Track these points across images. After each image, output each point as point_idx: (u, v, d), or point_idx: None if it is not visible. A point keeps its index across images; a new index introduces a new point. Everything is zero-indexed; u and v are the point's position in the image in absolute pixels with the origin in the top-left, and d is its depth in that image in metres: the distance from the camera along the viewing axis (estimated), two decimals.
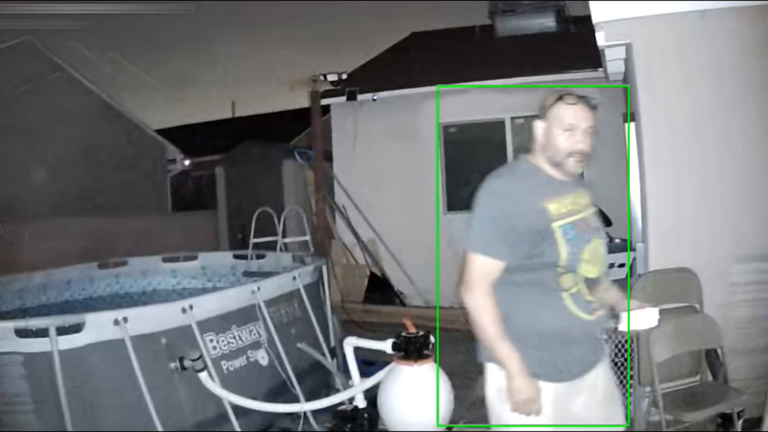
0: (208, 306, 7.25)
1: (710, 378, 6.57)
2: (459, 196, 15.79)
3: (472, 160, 15.96)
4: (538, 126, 3.96)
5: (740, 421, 6.00)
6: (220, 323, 7.29)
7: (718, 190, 7.38)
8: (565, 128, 3.85)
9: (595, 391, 4.05)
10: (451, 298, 14.23)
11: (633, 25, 7.73)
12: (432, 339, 6.73)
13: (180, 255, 11.35)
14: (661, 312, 4.19)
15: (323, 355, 8.53)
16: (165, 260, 11.30)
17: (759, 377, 6.59)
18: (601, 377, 4.09)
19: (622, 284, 7.96)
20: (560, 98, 3.89)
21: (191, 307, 6.88)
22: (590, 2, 7.78)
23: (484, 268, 3.86)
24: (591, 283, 3.90)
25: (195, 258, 11.26)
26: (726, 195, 7.33)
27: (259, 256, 10.81)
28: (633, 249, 8.83)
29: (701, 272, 6.85)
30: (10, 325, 6.07)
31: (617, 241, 10.15)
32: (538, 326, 3.88)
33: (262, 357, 7.66)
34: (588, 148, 3.86)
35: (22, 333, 5.97)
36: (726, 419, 6.12)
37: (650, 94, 7.67)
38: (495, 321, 3.82)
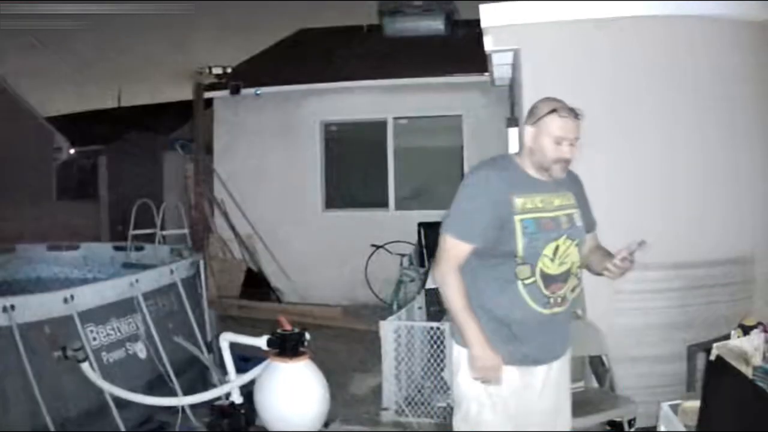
0: (88, 297, 7.16)
1: (596, 385, 6.68)
2: (338, 194, 15.85)
3: (352, 158, 16.04)
4: (528, 131, 4.21)
5: (632, 430, 6.09)
6: (100, 314, 7.20)
7: (601, 196, 7.48)
8: (555, 139, 4.11)
9: (545, 386, 4.31)
10: (328, 296, 14.29)
11: (521, 31, 7.84)
12: (307, 336, 6.75)
13: (63, 244, 11.19)
14: None
15: (200, 349, 8.47)
16: (49, 248, 11.14)
17: (648, 386, 6.67)
18: (554, 373, 4.35)
19: None
20: (553, 110, 4.11)
21: (72, 297, 6.80)
22: (480, 6, 7.83)
23: (453, 248, 4.17)
24: (552, 279, 4.15)
25: (77, 248, 11.12)
26: (608, 201, 7.44)
27: (138, 248, 10.71)
28: None
29: (585, 278, 6.96)
30: None
31: None
32: (495, 309, 4.18)
33: (140, 350, 7.59)
34: (571, 156, 4.16)
35: None
36: (616, 427, 6.17)
37: (534, 100, 7.75)
38: (459, 294, 4.14)
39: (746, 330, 4.73)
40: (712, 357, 4.25)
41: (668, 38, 7.61)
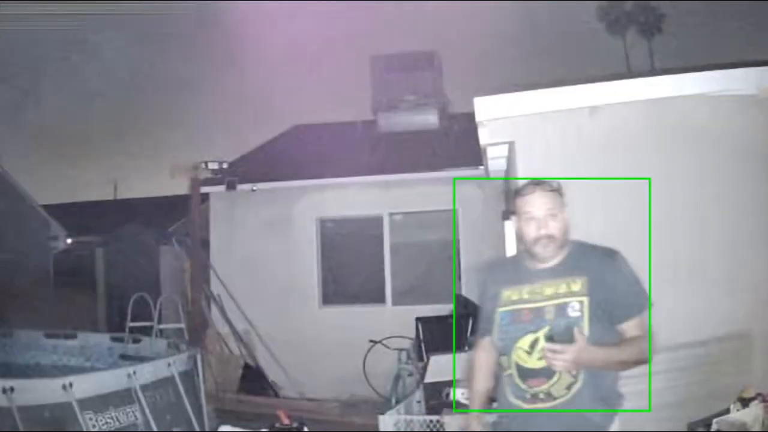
0: (87, 385, 7.18)
1: None
2: (335, 289, 15.86)
3: (349, 254, 16.06)
4: (513, 222, 4.19)
5: None
6: (98, 403, 7.21)
7: None
8: (525, 217, 4.06)
9: None
10: (326, 390, 14.21)
11: (515, 124, 7.90)
12: (306, 430, 6.74)
13: (61, 332, 11.20)
14: None
15: None
16: (47, 336, 11.14)
17: None
18: None
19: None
20: (516, 192, 4.14)
21: (71, 384, 6.81)
22: (474, 100, 7.90)
23: (479, 338, 4.38)
24: (530, 373, 3.96)
25: (75, 336, 11.13)
26: None
27: (136, 340, 10.73)
28: None
29: None
30: None
31: None
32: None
33: None
34: (553, 230, 4.03)
35: None
36: None
37: None
38: (472, 374, 4.38)
39: (745, 402, 4.74)
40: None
41: (662, 119, 7.70)
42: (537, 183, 4.11)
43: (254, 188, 15.82)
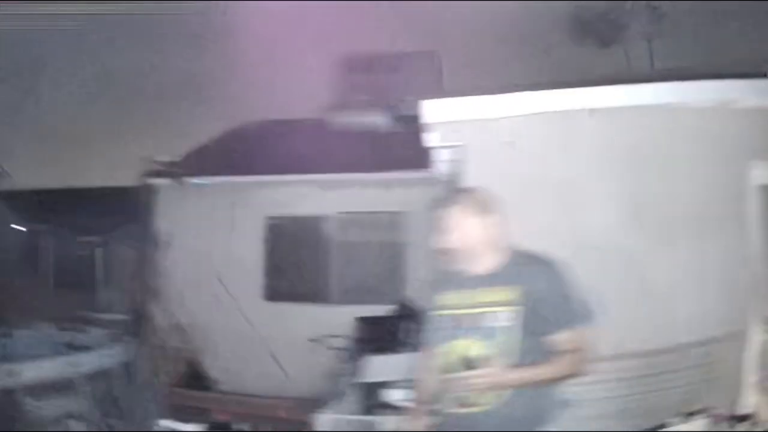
0: (31, 372, 7.34)
1: None
2: (280, 286, 15.84)
3: (295, 252, 16.04)
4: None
5: None
6: (42, 390, 7.33)
7: None
8: (437, 228, 4.18)
9: None
10: (266, 387, 14.20)
11: (465, 127, 8.00)
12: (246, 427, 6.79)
13: (6, 319, 11.15)
14: None
15: None
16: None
17: None
18: None
19: None
20: (433, 202, 4.31)
21: (16, 370, 6.88)
22: (424, 102, 7.94)
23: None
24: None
25: (20, 325, 11.07)
26: None
27: (80, 330, 10.70)
28: None
29: None
30: None
31: None
32: None
33: (81, 429, 7.62)
34: (453, 243, 4.15)
35: None
36: None
37: None
38: (421, 374, 4.41)
39: (689, 416, 4.84)
40: None
41: (617, 128, 7.81)
42: (448, 195, 4.33)
43: (201, 183, 15.76)
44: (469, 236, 4.14)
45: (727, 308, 7.62)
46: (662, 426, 5.55)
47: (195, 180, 15.71)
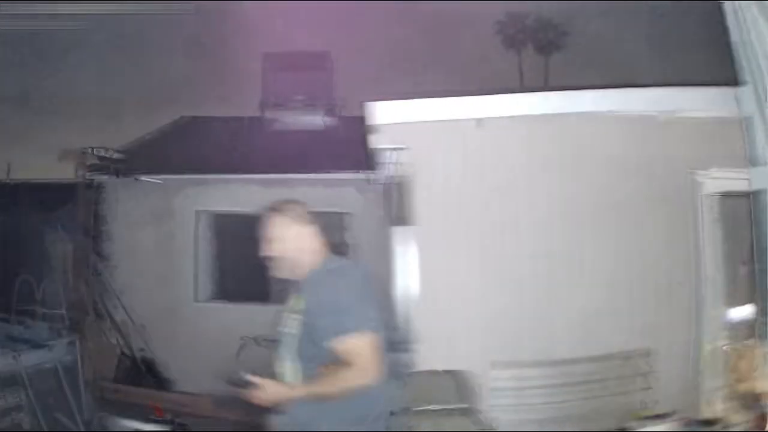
0: None
1: None
2: (215, 286, 15.86)
3: (232, 251, 16.03)
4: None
5: None
6: None
7: (493, 295, 7.65)
8: (263, 238, 4.36)
9: None
10: (201, 384, 14.21)
11: (409, 130, 8.08)
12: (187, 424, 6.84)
13: None
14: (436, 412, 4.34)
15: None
16: None
17: None
18: None
19: None
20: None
21: None
22: (366, 104, 8.01)
23: None
24: (278, 377, 4.23)
25: None
26: (503, 299, 7.62)
27: (21, 322, 10.64)
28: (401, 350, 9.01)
29: (474, 374, 7.10)
30: None
31: None
32: None
33: (25, 422, 7.61)
34: (275, 252, 4.32)
35: None
36: None
37: (422, 199, 7.94)
38: None
39: (646, 420, 4.95)
40: None
41: (551, 135, 7.93)
42: (271, 207, 4.39)
43: (138, 178, 15.71)
44: (290, 245, 4.30)
45: (675, 317, 7.81)
46: (623, 429, 5.69)
47: (135, 176, 15.64)
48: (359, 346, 4.01)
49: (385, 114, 8.09)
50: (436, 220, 7.93)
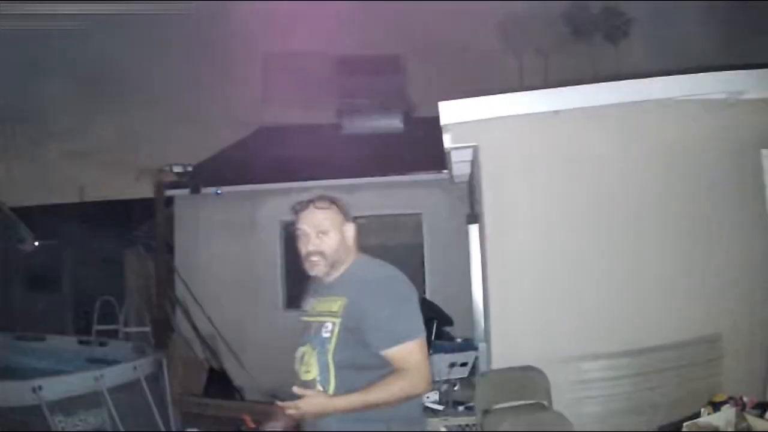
0: (56, 388, 7.22)
1: None
2: (300, 293, 15.83)
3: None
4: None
5: None
6: (67, 406, 7.25)
7: (564, 289, 7.54)
8: (298, 233, 4.19)
9: None
10: (289, 394, 14.20)
11: (480, 128, 7.91)
12: None
13: (30, 335, 11.16)
14: (511, 409, 4.23)
15: None
16: (16, 338, 11.10)
17: None
18: None
19: (464, 383, 8.18)
20: (293, 208, 4.22)
21: (40, 387, 6.84)
22: (438, 104, 7.93)
23: None
24: (303, 385, 4.01)
25: (43, 339, 11.09)
26: (573, 293, 7.51)
27: (102, 343, 10.73)
28: (476, 348, 8.96)
29: (549, 369, 7.00)
30: None
31: (459, 340, 10.28)
32: None
33: None
34: (321, 247, 4.13)
35: None
36: None
37: (495, 197, 7.82)
38: None
39: (716, 406, 4.81)
40: None
41: (627, 125, 7.76)
42: (311, 200, 4.20)
43: (219, 191, 15.79)
44: (338, 243, 4.17)
45: (745, 302, 7.61)
46: (691, 418, 5.54)
47: (211, 189, 15.72)
48: (415, 354, 3.97)
49: (458, 113, 7.95)
50: (509, 216, 7.80)
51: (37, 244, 22.51)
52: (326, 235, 4.12)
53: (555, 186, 7.72)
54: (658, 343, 7.32)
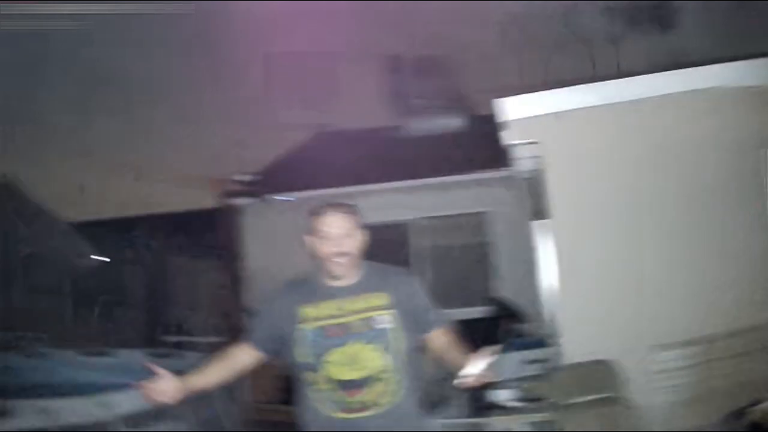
0: (125, 401, 7.32)
1: None
2: None
3: (382, 259, 16.02)
4: (307, 241, 4.34)
5: None
6: (137, 419, 7.30)
7: (635, 281, 7.49)
8: (321, 236, 4.24)
9: None
10: None
11: (541, 123, 7.93)
12: None
13: (96, 350, 11.24)
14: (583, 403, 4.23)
15: None
16: (82, 354, 11.18)
17: None
18: None
19: (539, 379, 8.14)
20: (312, 213, 4.33)
21: (109, 401, 6.89)
22: (499, 101, 7.90)
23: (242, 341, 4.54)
24: (346, 385, 4.10)
25: (110, 353, 11.16)
26: (643, 285, 7.46)
27: (172, 355, 10.80)
28: (549, 344, 8.92)
29: (621, 361, 6.96)
30: None
31: (532, 337, 10.23)
32: (301, 417, 4.30)
33: None
34: (347, 248, 4.25)
35: None
36: None
37: (560, 191, 7.82)
38: (217, 360, 4.61)
39: None
40: (752, 420, 4.26)
41: (691, 113, 7.67)
42: (332, 204, 4.34)
43: (287, 198, 15.84)
44: (360, 244, 4.31)
45: None
46: (757, 402, 5.52)
47: (276, 196, 15.78)
48: (447, 336, 4.37)
49: (516, 109, 7.97)
50: (575, 210, 7.79)
51: (98, 258, 22.73)
52: (350, 238, 4.25)
53: (618, 177, 7.68)
54: (723, 330, 7.31)
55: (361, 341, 4.13)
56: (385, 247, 15.66)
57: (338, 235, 4.21)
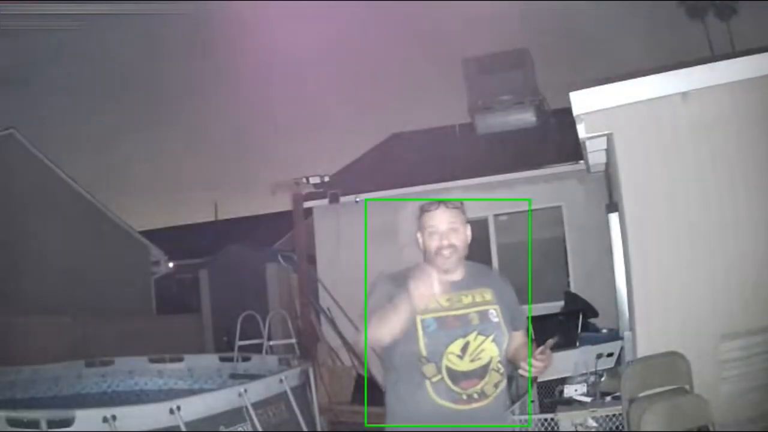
0: (195, 407, 7.25)
1: None
2: None
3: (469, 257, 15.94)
4: (417, 237, 4.48)
5: None
6: (208, 424, 7.29)
7: (707, 272, 7.39)
8: (430, 231, 4.39)
9: None
10: None
11: (612, 115, 7.83)
12: None
13: (166, 356, 11.33)
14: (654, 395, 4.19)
15: None
16: (151, 361, 11.28)
17: None
18: None
19: (611, 373, 8.07)
20: (420, 209, 4.48)
21: (179, 407, 6.89)
22: (570, 94, 7.84)
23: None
24: (463, 376, 4.19)
25: (181, 360, 11.27)
26: (711, 277, 7.36)
27: (245, 359, 10.86)
28: (621, 338, 8.84)
29: (689, 352, 6.86)
30: (2, 414, 6.16)
31: (604, 331, 10.16)
32: (402, 410, 4.31)
33: None
34: (455, 242, 4.36)
35: (13, 422, 6.05)
36: None
37: (632, 183, 7.74)
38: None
39: None
40: None
41: (756, 100, 7.56)
42: (440, 201, 4.45)
43: (357, 200, 15.87)
44: (466, 240, 4.42)
45: None
46: None
47: (350, 197, 15.81)
48: (525, 336, 4.57)
49: (590, 101, 7.89)
50: (651, 201, 7.73)
51: (171, 265, 22.99)
52: (458, 232, 4.37)
53: (691, 168, 7.55)
54: None
55: (479, 333, 4.25)
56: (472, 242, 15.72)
57: (445, 230, 4.35)
